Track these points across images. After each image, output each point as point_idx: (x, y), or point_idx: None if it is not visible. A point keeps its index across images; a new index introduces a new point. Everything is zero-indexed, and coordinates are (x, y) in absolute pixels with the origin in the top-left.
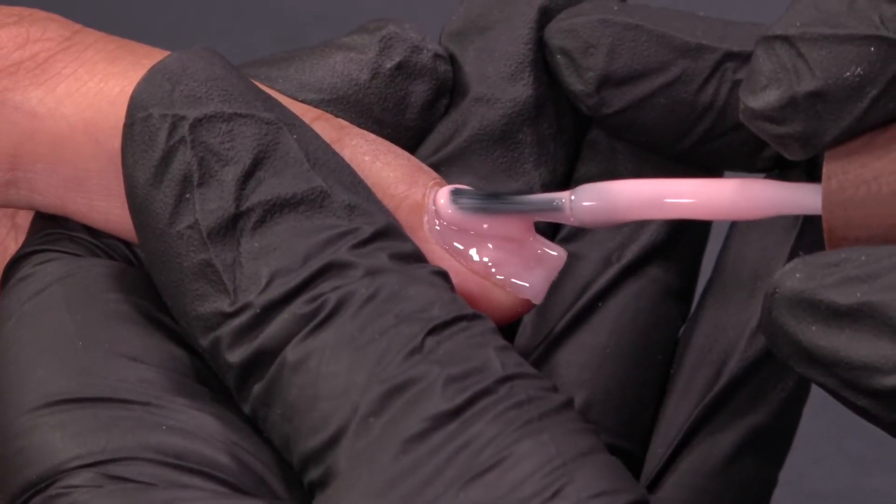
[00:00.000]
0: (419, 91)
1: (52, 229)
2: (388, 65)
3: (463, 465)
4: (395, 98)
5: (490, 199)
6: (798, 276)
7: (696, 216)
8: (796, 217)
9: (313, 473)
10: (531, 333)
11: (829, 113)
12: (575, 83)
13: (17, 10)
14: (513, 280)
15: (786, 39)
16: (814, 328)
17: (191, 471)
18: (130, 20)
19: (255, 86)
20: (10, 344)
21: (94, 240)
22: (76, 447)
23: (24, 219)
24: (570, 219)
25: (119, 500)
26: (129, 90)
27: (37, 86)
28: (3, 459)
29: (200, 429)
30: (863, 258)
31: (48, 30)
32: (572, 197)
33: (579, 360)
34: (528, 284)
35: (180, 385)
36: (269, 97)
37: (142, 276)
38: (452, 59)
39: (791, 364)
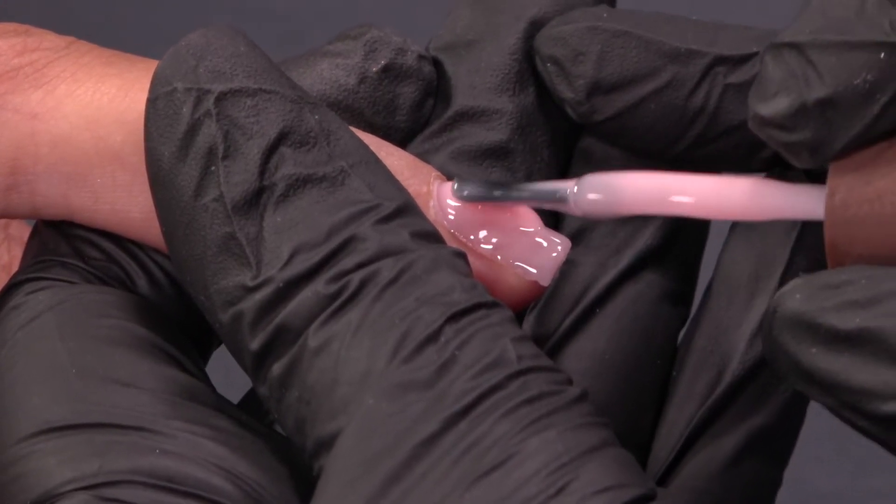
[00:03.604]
0: (407, 92)
1: (44, 256)
2: (375, 68)
3: (470, 465)
4: (385, 101)
5: (494, 188)
6: (798, 296)
7: (699, 215)
8: None
9: (326, 458)
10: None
11: (839, 120)
12: (565, 91)
13: (12, 25)
14: (520, 264)
15: (795, 46)
16: (813, 350)
17: (184, 493)
18: (130, 20)
19: (277, 65)
20: (3, 372)
21: (86, 265)
22: (70, 471)
23: (17, 229)
24: (573, 209)
25: None
26: (127, 88)
27: (36, 88)
28: (0, 486)
29: (194, 451)
30: (863, 281)
31: (45, 40)
32: (575, 188)
33: (579, 368)
34: (535, 269)
35: (174, 407)
36: (290, 78)
37: (134, 300)
38: (441, 71)
39: (790, 383)
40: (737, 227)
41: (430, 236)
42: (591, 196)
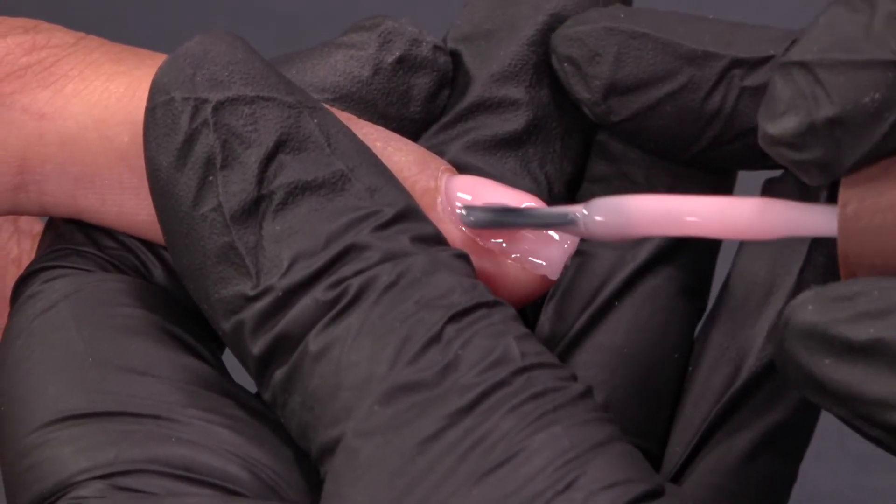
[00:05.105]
0: (421, 83)
1: (59, 245)
2: (389, 59)
3: (476, 462)
4: (399, 92)
5: (501, 214)
6: (810, 308)
7: (711, 235)
8: None
9: (330, 463)
10: (549, 333)
11: (848, 139)
12: (581, 91)
13: (21, 21)
14: (529, 258)
15: (803, 65)
16: (826, 361)
17: (200, 482)
18: (131, 21)
19: (277, 70)
20: (20, 362)
21: (102, 253)
22: (85, 460)
23: (27, 223)
24: (582, 233)
25: None
26: (135, 87)
27: (44, 87)
28: (16, 475)
29: (210, 439)
30: (875, 293)
31: (54, 37)
32: (585, 211)
33: (597, 361)
34: (544, 262)
35: (190, 396)
36: (291, 82)
37: (149, 288)
38: (458, 62)
39: (802, 393)
40: None
41: (431, 239)
42: (601, 219)
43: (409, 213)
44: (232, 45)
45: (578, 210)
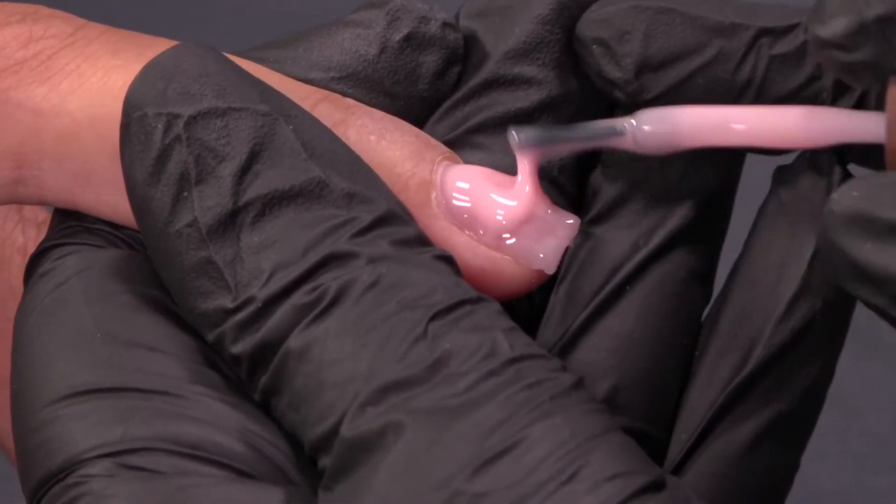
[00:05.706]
0: (429, 61)
1: (70, 222)
2: (397, 37)
3: (474, 448)
4: (406, 70)
5: (550, 131)
6: (854, 193)
7: (759, 143)
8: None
9: (324, 460)
10: (559, 318)
11: None
12: (613, 71)
13: (20, 7)
14: (525, 251)
15: None
16: (868, 245)
17: (207, 460)
18: (130, 20)
19: (251, 77)
20: (32, 339)
21: (112, 230)
22: (94, 438)
23: (32, 212)
24: (630, 143)
25: (133, 487)
26: None
27: (40, 83)
28: (27, 451)
29: (216, 418)
30: None
31: (51, 27)
32: (633, 122)
33: (607, 346)
34: (541, 255)
35: (197, 374)
36: (266, 88)
37: None
38: (472, 39)
39: (844, 284)
40: (765, 212)
41: (413, 241)
42: (650, 128)
43: (388, 217)
44: (203, 57)
45: (627, 121)
